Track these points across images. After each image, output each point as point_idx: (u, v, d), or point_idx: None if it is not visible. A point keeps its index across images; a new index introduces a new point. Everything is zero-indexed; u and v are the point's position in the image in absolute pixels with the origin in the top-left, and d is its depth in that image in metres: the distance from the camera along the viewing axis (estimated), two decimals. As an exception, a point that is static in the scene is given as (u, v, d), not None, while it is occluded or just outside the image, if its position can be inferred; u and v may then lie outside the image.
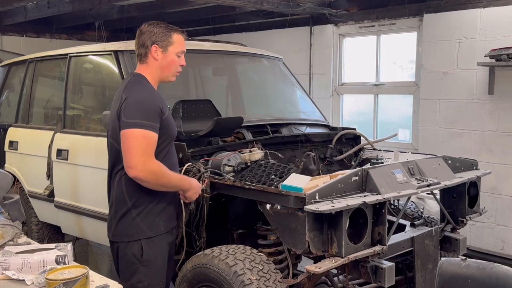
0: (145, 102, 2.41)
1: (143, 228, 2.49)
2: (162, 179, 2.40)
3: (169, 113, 2.55)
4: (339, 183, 2.54)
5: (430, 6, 5.20)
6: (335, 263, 2.44)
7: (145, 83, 2.50)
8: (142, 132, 2.34)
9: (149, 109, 2.39)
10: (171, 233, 2.63)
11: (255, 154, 3.05)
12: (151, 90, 2.50)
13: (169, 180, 2.44)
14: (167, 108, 2.53)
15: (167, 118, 2.50)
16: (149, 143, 2.35)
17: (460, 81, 5.00)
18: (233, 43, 4.33)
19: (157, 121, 2.40)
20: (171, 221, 2.63)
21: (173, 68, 2.54)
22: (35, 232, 4.41)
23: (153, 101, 2.43)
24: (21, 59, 4.83)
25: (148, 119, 2.37)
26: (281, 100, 4.39)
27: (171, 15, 6.82)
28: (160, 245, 2.53)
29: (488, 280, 1.85)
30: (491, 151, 4.84)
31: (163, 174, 2.39)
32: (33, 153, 4.20)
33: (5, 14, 6.68)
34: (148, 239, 2.49)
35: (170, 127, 2.53)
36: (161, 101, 2.48)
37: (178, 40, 2.53)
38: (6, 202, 2.55)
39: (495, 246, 4.93)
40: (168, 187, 2.48)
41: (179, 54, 2.53)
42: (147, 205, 2.49)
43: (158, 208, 2.52)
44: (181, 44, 2.54)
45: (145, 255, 2.49)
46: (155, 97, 2.46)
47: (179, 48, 2.53)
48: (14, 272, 1.83)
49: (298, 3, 5.54)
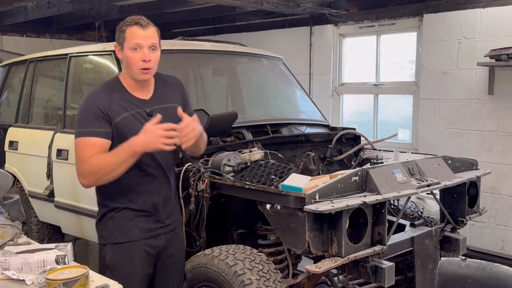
0: (81, 109, 2.33)
1: (114, 232, 2.40)
2: (102, 170, 2.22)
3: (126, 117, 2.31)
4: (339, 183, 2.54)
5: (430, 6, 5.20)
6: (335, 263, 2.44)
7: (102, 85, 2.40)
8: (77, 141, 2.28)
9: (84, 115, 2.30)
10: (151, 240, 2.43)
11: (255, 154, 3.05)
12: (94, 93, 2.36)
13: (109, 166, 2.21)
14: (121, 110, 2.30)
15: (120, 123, 2.29)
16: (83, 150, 2.25)
17: (460, 81, 5.00)
18: (233, 43, 4.33)
19: (99, 125, 2.26)
20: (151, 226, 2.43)
21: (132, 65, 2.28)
22: (35, 232, 4.41)
23: (90, 105, 2.30)
24: (21, 59, 4.83)
25: (82, 125, 2.28)
26: (281, 100, 4.39)
27: (171, 15, 6.83)
28: (127, 252, 2.38)
29: (488, 280, 1.85)
30: (491, 151, 4.84)
31: (98, 166, 2.22)
32: (33, 153, 4.20)
33: (5, 14, 6.68)
34: (114, 245, 2.39)
35: (125, 133, 2.27)
36: (104, 102, 2.29)
37: (130, 34, 2.27)
38: (6, 202, 2.55)
39: (495, 246, 4.93)
40: (117, 169, 2.21)
41: (135, 47, 2.26)
42: (121, 210, 2.39)
43: (132, 213, 2.39)
44: (132, 37, 2.26)
45: (109, 259, 2.40)
46: (93, 100, 2.31)
47: (131, 42, 2.26)
48: (14, 272, 1.82)
49: (298, 3, 5.54)
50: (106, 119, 2.28)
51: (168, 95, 2.47)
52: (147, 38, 2.27)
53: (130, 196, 2.39)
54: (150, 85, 2.43)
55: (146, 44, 2.27)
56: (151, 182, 2.42)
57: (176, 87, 2.53)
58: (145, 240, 2.42)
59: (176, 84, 2.55)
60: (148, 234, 2.43)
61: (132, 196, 2.39)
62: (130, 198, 2.39)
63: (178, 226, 2.59)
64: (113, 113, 2.29)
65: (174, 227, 2.55)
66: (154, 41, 2.30)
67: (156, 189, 2.44)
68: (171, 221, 2.52)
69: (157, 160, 2.41)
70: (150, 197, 2.42)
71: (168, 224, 2.50)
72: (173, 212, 2.55)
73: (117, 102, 2.32)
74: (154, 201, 2.43)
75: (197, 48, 3.87)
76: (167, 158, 2.48)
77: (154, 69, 2.35)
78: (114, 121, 2.29)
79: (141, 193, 2.40)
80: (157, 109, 2.38)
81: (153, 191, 2.43)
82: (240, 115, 3.39)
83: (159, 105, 2.42)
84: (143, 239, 2.42)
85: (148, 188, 2.41)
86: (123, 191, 2.39)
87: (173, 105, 2.43)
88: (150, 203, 2.42)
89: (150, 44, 2.28)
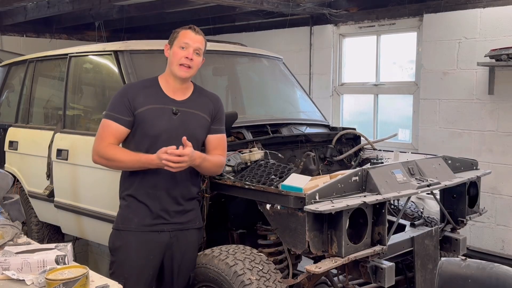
0: (115, 94, 2.60)
1: (118, 219, 2.62)
2: (114, 162, 2.50)
3: (150, 108, 2.52)
4: (339, 183, 2.54)
5: (430, 6, 5.20)
6: (335, 263, 2.44)
7: (140, 80, 2.67)
8: (102, 122, 2.55)
9: (114, 100, 2.56)
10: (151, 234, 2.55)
11: (255, 154, 3.05)
12: (129, 84, 2.63)
13: (122, 164, 2.50)
14: (146, 102, 2.52)
15: (142, 114, 2.50)
16: (104, 130, 2.52)
17: (460, 81, 5.00)
18: (233, 43, 4.33)
19: (123, 112, 2.51)
20: (151, 221, 2.54)
21: (175, 60, 2.52)
22: (35, 232, 4.41)
23: (122, 93, 2.56)
24: (21, 59, 4.83)
25: (110, 109, 2.54)
26: (281, 100, 4.39)
27: (171, 15, 6.82)
28: (126, 240, 2.56)
29: (488, 280, 1.85)
30: (491, 151, 4.84)
31: (113, 157, 2.48)
32: (33, 153, 4.20)
33: (5, 14, 6.68)
34: (116, 230, 2.60)
35: (145, 123, 2.50)
36: (134, 93, 2.53)
37: (182, 35, 2.55)
38: (6, 202, 2.55)
39: (495, 246, 4.93)
40: (127, 168, 2.53)
41: (182, 46, 2.52)
42: (127, 199, 2.58)
43: (136, 204, 2.55)
44: (184, 36, 2.54)
45: (111, 243, 2.63)
46: (126, 89, 2.59)
47: (181, 40, 2.53)
48: (14, 272, 1.82)
49: (298, 3, 5.54)
50: (130, 108, 2.51)
51: (200, 104, 2.64)
52: (196, 41, 2.55)
53: (137, 186, 2.55)
54: (185, 90, 2.62)
55: (193, 46, 2.53)
56: (157, 176, 2.52)
57: (211, 101, 2.71)
58: (145, 233, 2.55)
59: (213, 98, 2.73)
60: (147, 228, 2.55)
61: (138, 186, 2.55)
62: (137, 187, 2.55)
63: (190, 228, 2.65)
64: (137, 104, 2.51)
65: (184, 227, 2.62)
66: (200, 46, 2.57)
67: (160, 183, 2.53)
68: (181, 220, 2.60)
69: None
70: (154, 190, 2.54)
71: (174, 222, 2.58)
72: (186, 213, 2.62)
73: (145, 95, 2.54)
74: (156, 195, 2.54)
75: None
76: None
77: (193, 70, 2.57)
78: (136, 111, 2.50)
79: (145, 185, 2.54)
80: (183, 111, 2.55)
81: (157, 185, 2.53)
82: (240, 115, 3.39)
83: (187, 108, 2.58)
84: (142, 231, 2.54)
85: (153, 181, 2.53)
86: (134, 180, 2.55)
87: (201, 114, 2.61)
88: (151, 196, 2.54)
89: (196, 48, 2.55)
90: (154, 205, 2.54)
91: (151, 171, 2.49)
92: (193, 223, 2.66)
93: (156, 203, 2.55)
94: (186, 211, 2.62)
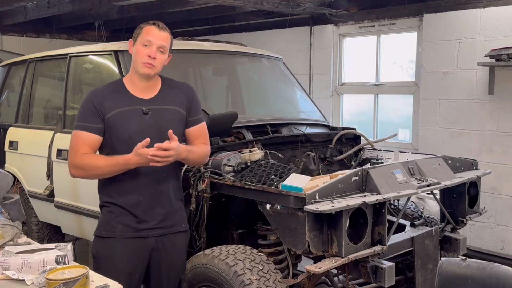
0: (81, 104, 2.49)
1: (100, 225, 2.53)
2: (92, 171, 2.40)
3: (118, 112, 2.41)
4: (339, 183, 2.54)
5: (430, 6, 5.20)
6: (335, 263, 2.44)
7: (104, 85, 2.57)
8: (73, 134, 2.45)
9: (81, 109, 2.46)
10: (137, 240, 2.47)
11: (255, 154, 3.05)
12: (93, 91, 2.52)
13: (100, 170, 2.39)
14: (114, 106, 2.41)
15: (112, 118, 2.40)
16: (75, 142, 2.42)
17: (460, 81, 5.00)
18: (233, 43, 4.33)
19: (92, 120, 2.41)
20: (135, 227, 2.46)
21: (138, 58, 2.40)
22: (35, 232, 4.41)
23: (87, 100, 2.46)
24: (21, 59, 4.83)
25: (79, 119, 2.45)
26: (281, 100, 4.39)
27: (171, 15, 6.82)
28: (110, 247, 2.47)
29: (488, 280, 1.85)
30: (491, 151, 4.84)
31: (89, 166, 2.38)
32: (33, 153, 4.20)
33: (5, 14, 6.68)
34: (100, 238, 2.52)
35: (116, 127, 2.40)
36: (100, 99, 2.42)
37: (145, 31, 2.42)
38: (6, 202, 2.55)
39: (495, 246, 4.93)
40: (107, 174, 2.41)
41: (145, 43, 2.39)
42: (109, 206, 2.49)
43: (118, 210, 2.46)
44: (147, 33, 2.40)
45: (94, 251, 2.54)
46: (92, 96, 2.47)
47: (144, 37, 2.40)
48: (14, 272, 1.82)
49: (298, 3, 5.54)
50: (99, 115, 2.41)
51: (171, 98, 2.52)
52: (159, 39, 2.41)
53: (117, 193, 2.47)
54: (153, 87, 2.51)
55: (156, 43, 2.40)
56: (136, 181, 2.44)
57: (183, 92, 2.58)
58: (130, 239, 2.47)
59: (184, 89, 2.61)
60: (132, 234, 2.47)
61: (118, 193, 2.47)
62: (117, 194, 2.47)
63: (176, 231, 2.56)
64: (105, 109, 2.41)
65: (169, 231, 2.53)
66: (164, 44, 2.43)
67: (141, 188, 2.45)
68: (165, 224, 2.51)
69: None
70: (135, 195, 2.46)
71: (160, 227, 2.50)
72: (170, 216, 2.53)
73: (112, 99, 2.44)
74: (139, 200, 2.46)
75: (197, 48, 3.87)
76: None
77: (157, 68, 2.43)
78: (106, 117, 2.41)
79: (126, 191, 2.46)
80: (154, 109, 2.45)
81: (138, 190, 2.45)
82: (240, 115, 3.39)
83: (158, 105, 2.46)
84: (127, 238, 2.47)
85: (133, 186, 2.45)
86: (112, 187, 2.48)
87: (174, 108, 2.49)
88: (133, 201, 2.45)
89: (160, 45, 2.41)
90: (138, 211, 2.45)
91: (130, 176, 2.42)
92: (178, 226, 2.57)
93: (139, 208, 2.45)
94: (170, 214, 2.53)
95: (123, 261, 2.46)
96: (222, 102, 4.10)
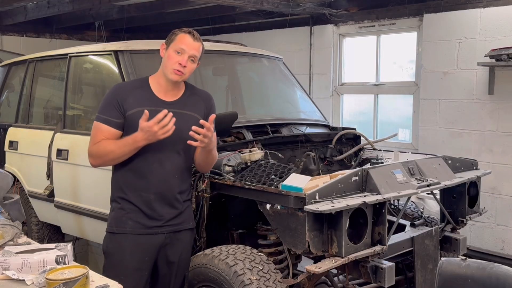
0: (104, 96, 2.57)
1: (111, 222, 2.58)
2: (107, 156, 2.47)
3: (140, 111, 2.41)
4: (339, 183, 2.54)
5: (430, 6, 5.20)
6: (335, 263, 2.44)
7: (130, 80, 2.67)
8: (94, 124, 2.53)
9: (105, 101, 2.54)
10: (146, 236, 2.52)
11: (255, 154, 3.05)
12: (119, 85, 2.60)
13: (114, 154, 2.45)
14: (136, 104, 2.47)
15: (132, 116, 2.45)
16: (96, 133, 2.50)
17: (460, 81, 5.00)
18: (233, 43, 4.33)
19: (113, 114, 2.48)
20: (145, 224, 2.52)
21: (169, 64, 2.47)
22: (35, 232, 4.41)
23: (111, 94, 2.53)
24: (21, 59, 4.83)
25: (101, 111, 2.52)
26: (281, 100, 4.39)
27: (171, 15, 6.83)
28: (120, 243, 2.53)
29: (488, 280, 1.85)
30: (491, 151, 4.84)
31: (104, 151, 2.46)
32: (33, 153, 4.20)
33: (5, 14, 6.68)
34: (111, 234, 2.58)
35: (135, 126, 2.41)
36: (124, 94, 2.49)
37: (180, 38, 2.49)
38: (6, 202, 2.55)
39: (495, 246, 4.93)
40: (121, 157, 2.47)
41: (178, 50, 2.47)
42: (121, 202, 2.55)
43: (129, 207, 2.52)
44: (181, 41, 2.48)
45: (105, 246, 2.60)
46: (116, 91, 2.54)
47: (178, 45, 2.48)
48: (14, 272, 1.82)
49: (298, 3, 5.54)
50: (120, 110, 2.48)
51: (191, 104, 2.61)
52: (192, 48, 2.49)
53: (129, 189, 2.52)
54: (177, 91, 2.59)
55: (189, 53, 2.48)
56: (147, 179, 2.50)
57: (203, 100, 2.67)
58: (140, 236, 2.53)
59: (204, 97, 2.70)
60: (142, 230, 2.53)
61: (130, 189, 2.52)
62: (129, 190, 2.53)
63: (184, 229, 2.62)
64: (127, 106, 2.48)
65: (178, 228, 2.60)
66: (196, 54, 2.51)
67: (151, 186, 2.51)
68: (175, 222, 2.58)
69: (159, 158, 2.50)
70: (145, 193, 2.51)
71: (169, 225, 2.56)
72: (179, 214, 2.59)
73: (135, 97, 2.50)
74: (149, 198, 2.51)
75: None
76: (175, 159, 2.54)
77: (186, 76, 2.51)
78: (127, 113, 2.47)
79: (137, 188, 2.52)
80: (175, 113, 2.47)
81: (148, 187, 2.51)
82: (240, 115, 3.39)
83: (178, 109, 2.52)
84: (136, 234, 2.52)
85: (144, 185, 2.51)
86: (124, 183, 2.53)
87: (192, 114, 2.57)
88: (144, 199, 2.51)
89: (192, 55, 2.49)
90: (148, 208, 2.52)
91: (142, 175, 2.48)
92: (186, 223, 2.64)
93: (149, 206, 2.52)
94: (180, 213, 2.59)
95: (132, 257, 2.52)
96: (222, 102, 4.09)
